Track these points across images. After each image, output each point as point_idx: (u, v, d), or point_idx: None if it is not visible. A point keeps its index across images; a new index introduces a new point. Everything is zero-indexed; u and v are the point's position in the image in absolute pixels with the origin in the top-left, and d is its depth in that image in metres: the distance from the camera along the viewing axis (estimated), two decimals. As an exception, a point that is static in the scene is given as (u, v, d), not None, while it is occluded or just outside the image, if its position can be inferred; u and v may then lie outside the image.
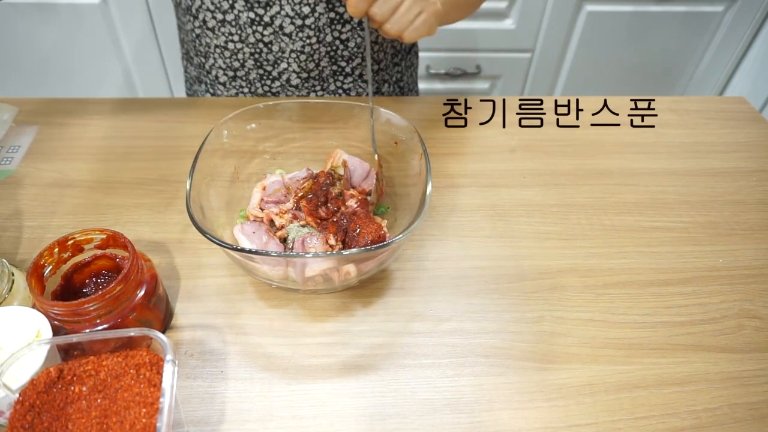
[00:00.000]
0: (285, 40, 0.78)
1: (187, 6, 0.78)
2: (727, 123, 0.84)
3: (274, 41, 0.78)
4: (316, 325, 0.56)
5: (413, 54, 0.97)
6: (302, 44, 0.79)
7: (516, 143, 0.79)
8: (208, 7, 0.76)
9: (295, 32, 0.77)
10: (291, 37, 0.78)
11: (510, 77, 1.60)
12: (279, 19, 0.76)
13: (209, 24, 0.78)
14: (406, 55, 0.94)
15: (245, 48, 0.79)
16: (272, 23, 0.76)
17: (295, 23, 0.76)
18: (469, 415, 0.49)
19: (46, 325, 0.46)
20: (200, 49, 0.83)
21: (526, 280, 0.61)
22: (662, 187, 0.73)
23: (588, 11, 1.46)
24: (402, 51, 0.91)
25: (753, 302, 0.59)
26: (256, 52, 0.80)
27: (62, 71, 1.48)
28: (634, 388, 0.52)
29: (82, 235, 0.51)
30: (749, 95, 1.14)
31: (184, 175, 0.56)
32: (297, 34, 0.78)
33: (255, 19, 0.76)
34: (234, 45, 0.79)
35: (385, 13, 0.57)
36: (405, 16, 0.58)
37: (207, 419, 0.48)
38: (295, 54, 0.80)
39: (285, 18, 0.76)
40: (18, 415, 0.41)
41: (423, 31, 0.60)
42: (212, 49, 0.82)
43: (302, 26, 0.77)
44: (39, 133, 0.77)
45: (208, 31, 0.79)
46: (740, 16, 1.50)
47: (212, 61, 0.83)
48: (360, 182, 0.64)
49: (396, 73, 0.93)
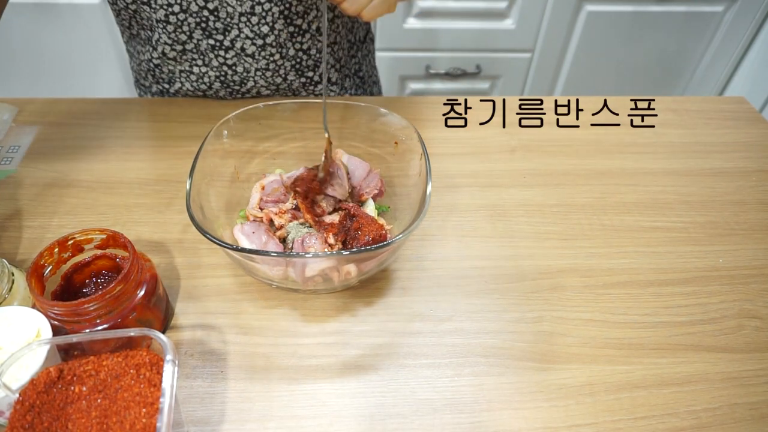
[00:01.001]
0: (248, 60, 0.78)
1: (147, 37, 0.78)
2: (727, 123, 0.84)
3: (237, 63, 0.78)
4: (316, 325, 0.56)
5: (368, 41, 0.96)
6: (266, 62, 0.79)
7: (516, 143, 0.79)
8: (166, 41, 0.76)
9: (257, 52, 0.77)
10: (254, 57, 0.77)
11: (510, 77, 1.60)
12: (239, 41, 0.75)
13: (169, 55, 0.78)
14: (362, 45, 0.93)
15: (210, 72, 0.79)
16: (233, 46, 0.76)
17: (256, 43, 0.76)
18: (469, 415, 0.49)
19: (46, 325, 0.46)
20: (162, 76, 0.83)
21: (526, 280, 0.61)
22: (662, 187, 0.73)
23: (588, 11, 1.46)
24: (357, 42, 0.91)
25: (753, 302, 0.59)
26: (221, 74, 0.80)
27: (62, 71, 1.48)
28: (634, 388, 0.52)
29: (82, 235, 0.51)
30: (749, 95, 1.14)
31: (184, 175, 0.56)
32: (259, 53, 0.77)
33: (215, 44, 0.76)
34: (198, 69, 0.79)
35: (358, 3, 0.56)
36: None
37: (207, 419, 0.48)
38: (260, 72, 0.80)
39: (245, 40, 0.75)
40: (18, 415, 0.41)
41: (383, 9, 0.58)
42: (177, 75, 0.81)
43: (263, 45, 0.76)
44: (39, 133, 0.77)
45: (169, 60, 0.79)
46: (740, 16, 1.50)
47: (179, 84, 0.83)
48: (360, 182, 0.64)
49: (354, 65, 0.92)
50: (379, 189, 0.63)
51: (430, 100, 0.85)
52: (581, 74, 1.60)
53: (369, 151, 0.67)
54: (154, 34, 0.76)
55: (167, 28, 0.74)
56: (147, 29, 0.76)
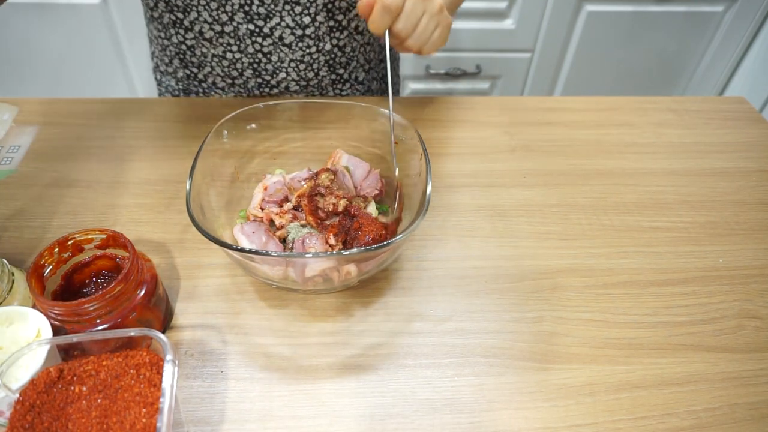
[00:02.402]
0: (284, 50, 0.78)
1: (177, 20, 0.78)
2: (727, 123, 0.84)
3: (273, 51, 0.78)
4: (316, 325, 0.56)
5: None
6: (302, 54, 0.79)
7: (516, 143, 0.79)
8: (206, 20, 0.76)
9: (294, 42, 0.78)
10: (290, 47, 0.78)
11: (510, 77, 1.60)
12: (279, 30, 0.76)
13: (206, 35, 0.78)
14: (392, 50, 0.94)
15: (244, 58, 0.80)
16: (272, 34, 0.76)
17: (295, 33, 0.76)
18: (469, 415, 0.49)
19: (46, 325, 0.46)
20: (193, 60, 0.83)
21: (526, 280, 0.61)
22: (662, 187, 0.73)
23: (588, 11, 1.46)
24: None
25: (753, 302, 0.59)
26: (254, 62, 0.80)
27: (62, 71, 1.48)
28: (634, 388, 0.52)
29: (82, 235, 0.51)
30: (749, 95, 1.14)
31: (184, 175, 0.56)
32: (297, 44, 0.78)
33: (254, 30, 0.76)
34: (232, 55, 0.79)
35: (408, 29, 0.58)
36: (424, 32, 0.59)
37: (207, 419, 0.48)
38: (294, 63, 0.80)
39: (285, 29, 0.76)
40: (18, 415, 0.41)
41: (440, 43, 0.62)
42: (209, 59, 0.81)
43: (302, 36, 0.77)
44: (39, 133, 0.77)
45: (204, 41, 0.79)
46: (740, 16, 1.50)
47: (209, 69, 0.83)
48: (360, 182, 0.64)
49: (382, 69, 0.93)
50: (379, 189, 0.63)
51: (431, 100, 0.86)
52: (581, 74, 1.60)
53: (369, 151, 0.67)
54: (190, 14, 0.76)
55: (210, 5, 0.74)
56: (178, 11, 0.76)
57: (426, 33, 0.60)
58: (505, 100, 0.86)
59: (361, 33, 0.83)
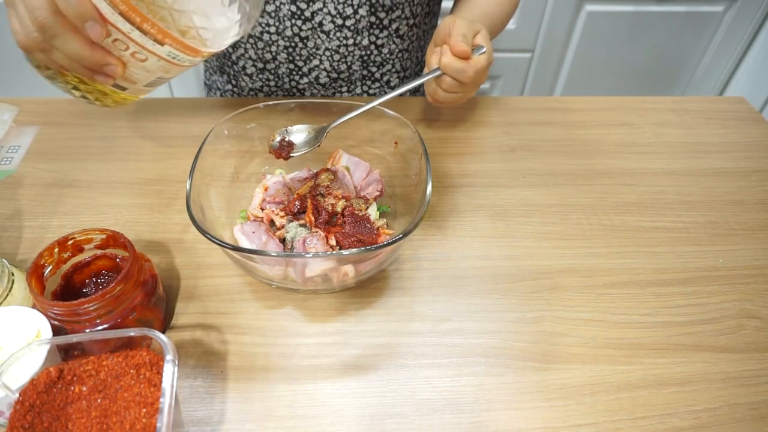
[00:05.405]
0: (322, 37, 0.78)
1: None
2: (727, 123, 0.84)
3: (310, 37, 0.78)
4: (316, 325, 0.56)
5: None
6: (338, 44, 0.79)
7: (516, 143, 0.79)
8: None
9: (333, 31, 0.77)
10: (329, 35, 0.78)
11: (510, 77, 1.60)
12: (320, 15, 0.76)
13: None
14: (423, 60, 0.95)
15: (280, 41, 0.79)
16: (312, 19, 0.76)
17: (335, 22, 0.76)
18: (469, 415, 0.49)
19: (46, 325, 0.46)
20: None
21: (525, 280, 0.61)
22: (662, 187, 0.73)
23: (588, 11, 1.46)
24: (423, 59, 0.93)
25: (753, 302, 0.59)
26: (290, 45, 0.79)
27: (62, 71, 1.48)
28: (634, 388, 0.52)
29: (82, 235, 0.51)
30: (749, 95, 1.14)
31: (184, 175, 0.56)
32: (335, 33, 0.78)
33: (296, 12, 0.75)
34: (269, 36, 0.79)
35: (449, 100, 0.67)
36: (460, 100, 0.68)
37: (207, 419, 0.48)
38: (329, 52, 0.80)
39: (326, 15, 0.76)
40: (18, 415, 0.41)
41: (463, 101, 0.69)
42: (244, 38, 0.80)
43: (342, 26, 0.77)
44: (39, 133, 0.77)
45: None
46: (740, 16, 1.50)
47: (242, 51, 0.82)
48: (360, 182, 0.64)
49: None
50: (379, 189, 0.63)
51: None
52: (581, 74, 1.60)
53: (369, 151, 0.67)
54: None
55: None
56: None
57: (461, 101, 0.68)
58: (505, 100, 0.86)
59: (401, 37, 0.83)
